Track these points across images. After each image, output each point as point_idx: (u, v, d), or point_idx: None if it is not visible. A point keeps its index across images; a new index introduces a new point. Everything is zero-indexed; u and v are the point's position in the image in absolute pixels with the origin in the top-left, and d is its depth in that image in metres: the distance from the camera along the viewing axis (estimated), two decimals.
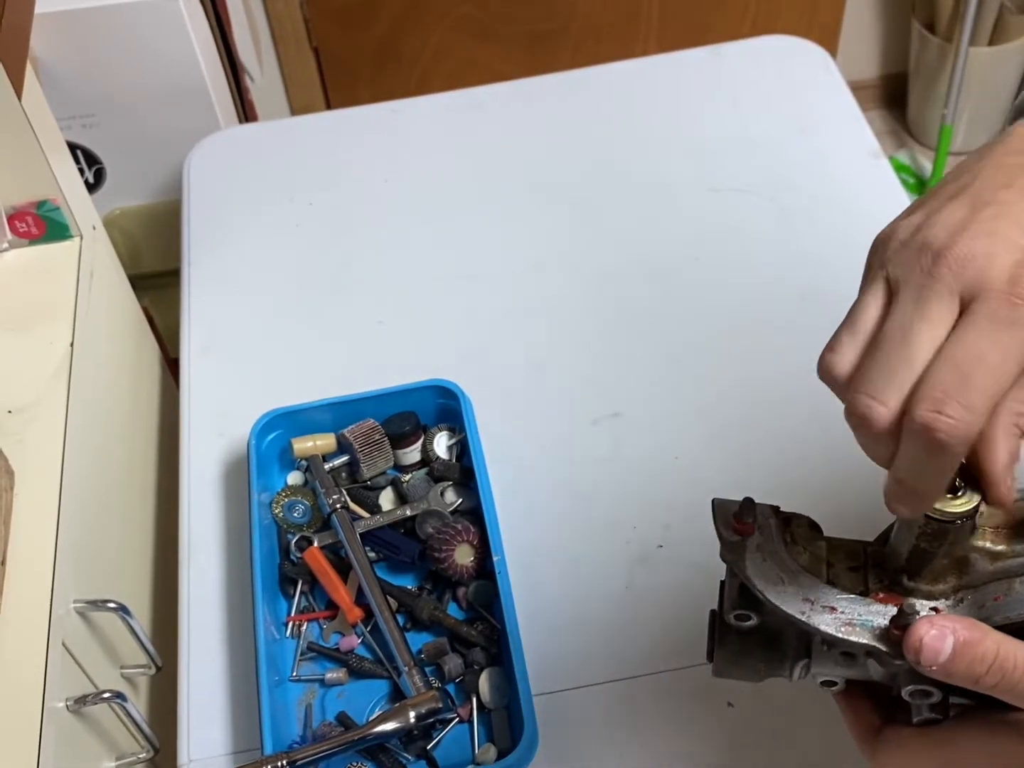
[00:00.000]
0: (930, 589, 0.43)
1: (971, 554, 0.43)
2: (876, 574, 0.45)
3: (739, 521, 0.45)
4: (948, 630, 0.40)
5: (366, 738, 0.69)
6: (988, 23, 2.12)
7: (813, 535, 0.46)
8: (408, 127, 1.18)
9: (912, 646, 0.40)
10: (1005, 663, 0.40)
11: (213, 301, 1.03)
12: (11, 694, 0.73)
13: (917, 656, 0.40)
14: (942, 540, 0.42)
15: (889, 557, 0.44)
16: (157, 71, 1.33)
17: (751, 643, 0.48)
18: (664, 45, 2.12)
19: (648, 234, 1.05)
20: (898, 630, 0.41)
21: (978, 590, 0.43)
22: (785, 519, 0.46)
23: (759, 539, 0.45)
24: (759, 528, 0.45)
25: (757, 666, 0.48)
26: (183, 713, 0.76)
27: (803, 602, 0.43)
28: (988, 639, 0.40)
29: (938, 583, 0.43)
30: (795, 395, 0.89)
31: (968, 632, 0.40)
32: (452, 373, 0.87)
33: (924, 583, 0.43)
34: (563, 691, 0.75)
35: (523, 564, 0.80)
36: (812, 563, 0.45)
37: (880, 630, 0.42)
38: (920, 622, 0.40)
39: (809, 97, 1.17)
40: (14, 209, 0.99)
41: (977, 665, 0.40)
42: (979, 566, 0.43)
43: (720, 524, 0.45)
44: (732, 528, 0.45)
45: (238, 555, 0.83)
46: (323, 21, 2.02)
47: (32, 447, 0.86)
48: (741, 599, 0.46)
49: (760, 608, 0.46)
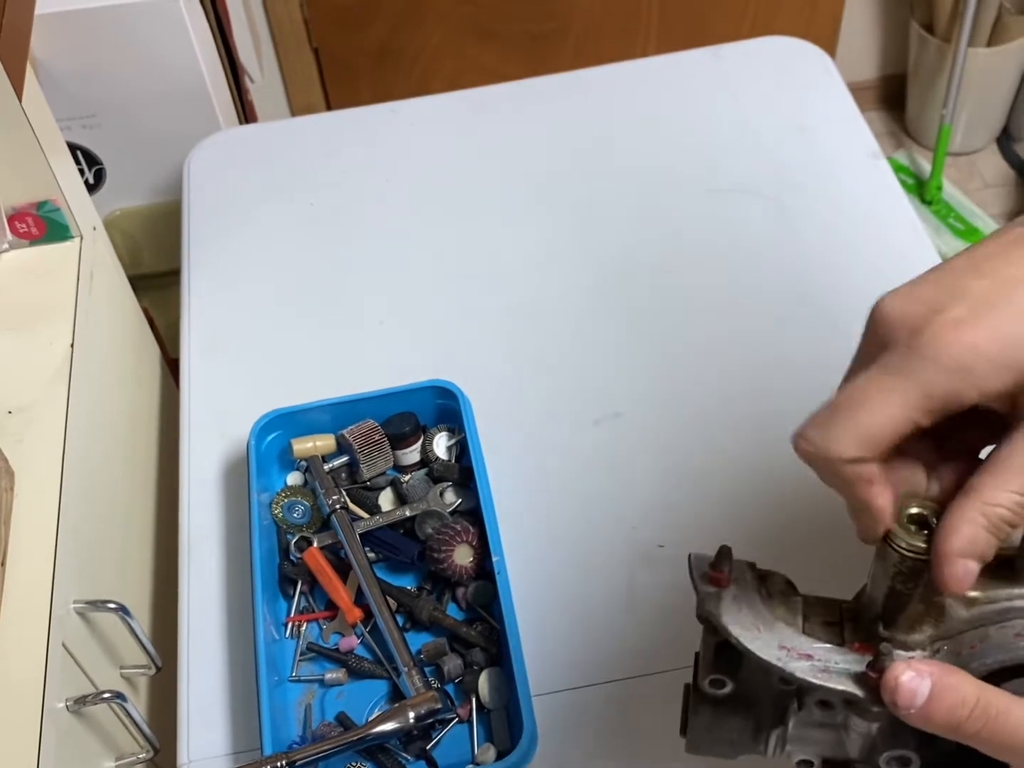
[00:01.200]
0: (906, 639, 0.43)
1: (946, 600, 0.42)
2: (852, 628, 0.44)
3: (715, 570, 0.44)
4: (925, 672, 0.39)
5: (366, 738, 0.69)
6: (987, 24, 2.12)
7: (789, 591, 0.46)
8: (408, 127, 1.18)
9: (889, 687, 0.39)
10: (988, 708, 0.39)
11: (213, 301, 1.03)
12: (11, 694, 0.73)
13: (893, 697, 0.39)
14: (916, 580, 0.41)
15: (865, 606, 0.44)
16: (157, 72, 1.33)
17: (725, 713, 0.47)
18: (664, 46, 2.12)
19: (648, 234, 1.05)
20: (875, 673, 0.40)
21: (954, 640, 0.42)
22: (761, 576, 0.46)
23: (735, 591, 0.44)
24: (735, 581, 0.44)
25: (732, 737, 0.47)
26: (183, 713, 0.76)
27: (779, 649, 0.43)
28: (968, 683, 0.39)
29: (914, 632, 0.43)
30: (795, 395, 0.89)
31: (946, 676, 0.39)
32: (452, 373, 0.87)
33: (900, 632, 0.43)
34: (563, 691, 0.75)
35: (523, 564, 0.80)
36: (788, 616, 0.44)
37: (857, 675, 0.42)
38: (897, 664, 0.40)
39: (808, 98, 1.17)
40: (14, 210, 0.99)
41: (958, 709, 0.39)
42: (954, 613, 0.42)
43: (696, 577, 0.45)
44: (708, 579, 0.45)
45: (238, 555, 0.83)
46: (323, 22, 2.02)
47: (32, 447, 0.86)
48: (717, 663, 0.46)
49: (735, 673, 0.46)
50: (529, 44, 2.10)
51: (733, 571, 0.44)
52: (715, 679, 0.46)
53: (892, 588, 0.42)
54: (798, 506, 0.82)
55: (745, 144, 1.12)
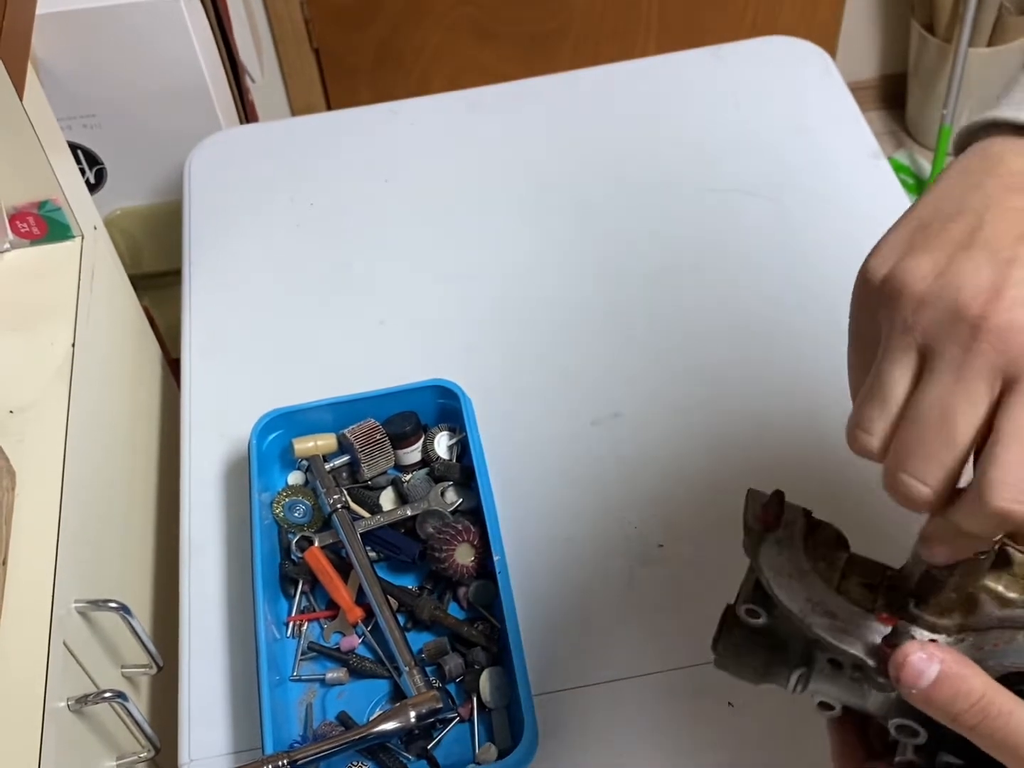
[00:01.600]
0: (934, 621, 0.43)
1: (981, 594, 0.43)
2: (887, 597, 0.45)
3: (765, 512, 0.45)
4: (937, 658, 0.39)
5: (366, 738, 0.69)
6: (987, 24, 2.12)
7: (838, 546, 0.46)
8: (408, 127, 1.18)
9: (897, 661, 0.40)
10: (989, 707, 0.39)
11: (213, 301, 1.03)
12: (12, 694, 0.73)
13: (899, 673, 0.40)
14: (952, 569, 0.42)
15: (902, 579, 0.44)
16: (158, 71, 1.33)
17: (756, 642, 0.48)
18: (664, 46, 2.12)
19: (648, 234, 1.05)
20: (889, 647, 0.41)
21: (980, 634, 0.43)
22: (813, 524, 0.46)
23: (781, 535, 0.45)
24: (785, 525, 0.45)
25: (757, 665, 0.48)
26: (184, 713, 0.76)
27: (805, 601, 0.43)
28: (976, 678, 0.39)
29: (943, 617, 0.43)
30: (795, 395, 0.89)
31: (957, 665, 0.39)
32: (452, 373, 0.87)
33: (930, 613, 0.43)
34: (563, 691, 0.75)
35: (523, 564, 0.80)
36: (827, 570, 0.45)
37: (871, 644, 0.42)
38: (912, 643, 0.40)
39: (809, 98, 1.17)
40: (15, 209, 0.99)
41: (960, 700, 0.39)
42: (987, 608, 0.43)
43: (748, 513, 0.46)
44: (758, 518, 0.45)
45: (239, 555, 0.83)
46: (323, 21, 2.02)
47: (33, 447, 0.86)
48: (755, 595, 0.47)
49: (771, 609, 0.47)
50: (529, 44, 2.10)
51: (786, 515, 0.45)
52: (751, 609, 0.47)
53: (928, 573, 0.42)
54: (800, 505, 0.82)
55: (745, 144, 1.12)
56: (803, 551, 0.45)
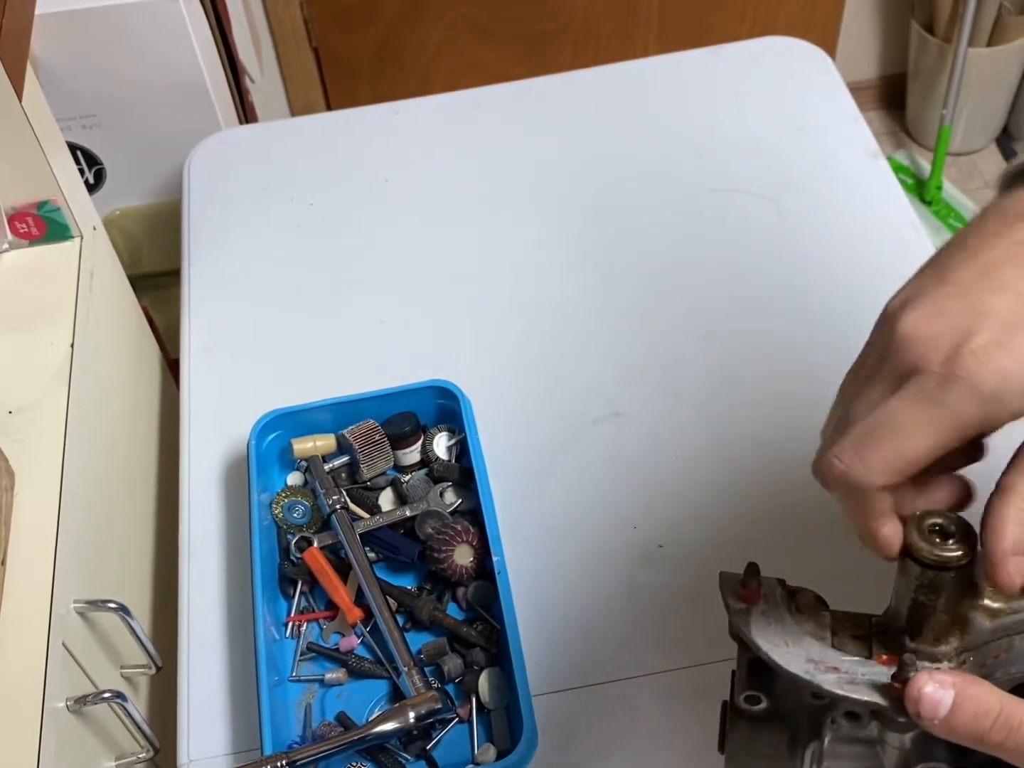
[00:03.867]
0: (932, 651, 0.43)
1: (970, 612, 0.43)
2: (880, 641, 0.45)
3: (744, 587, 0.45)
4: (948, 683, 0.40)
5: (366, 738, 0.69)
6: (987, 24, 2.12)
7: (818, 607, 0.47)
8: (408, 127, 1.18)
9: (912, 697, 0.40)
10: (1011, 719, 0.39)
11: (213, 301, 1.03)
12: (11, 694, 0.73)
13: (917, 708, 0.40)
14: (939, 591, 0.42)
15: (891, 619, 0.45)
16: (157, 71, 1.33)
17: (762, 729, 0.48)
18: (664, 45, 2.12)
19: (648, 234, 1.05)
20: (899, 683, 0.41)
21: (979, 650, 0.43)
22: (791, 591, 0.47)
23: (764, 607, 0.45)
24: (765, 597, 0.46)
25: (768, 753, 0.48)
26: (183, 713, 0.76)
27: (807, 662, 0.43)
28: (991, 694, 0.40)
29: (940, 644, 0.43)
30: (795, 394, 0.89)
31: (969, 686, 0.40)
32: (452, 373, 0.87)
33: (926, 644, 0.43)
34: (563, 691, 0.75)
35: (522, 564, 0.80)
36: (816, 631, 0.45)
37: (882, 686, 0.42)
38: (920, 675, 0.40)
39: (808, 98, 1.17)
40: (14, 210, 0.99)
41: (982, 719, 0.39)
42: (978, 624, 0.43)
43: (727, 594, 0.46)
44: (738, 596, 0.46)
45: (238, 555, 0.83)
46: (323, 21, 2.02)
47: (32, 447, 0.86)
48: (751, 680, 0.47)
49: (770, 690, 0.47)
50: (529, 44, 2.10)
51: (763, 587, 0.46)
52: (750, 695, 0.47)
53: (916, 600, 0.42)
54: (799, 505, 0.82)
55: (745, 144, 1.12)
56: (790, 617, 0.45)
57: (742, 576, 0.46)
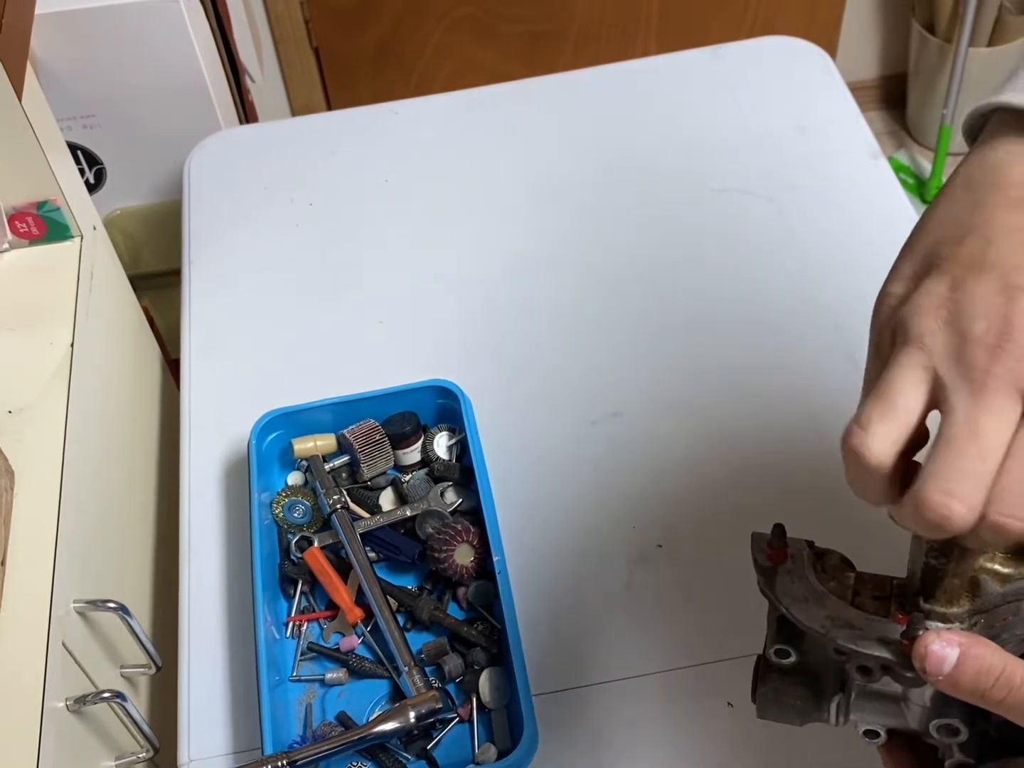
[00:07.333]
0: (945, 611, 0.45)
1: (981, 576, 0.45)
2: (899, 602, 0.47)
3: (771, 547, 0.48)
4: (954, 641, 0.42)
5: (366, 738, 0.69)
6: (987, 24, 2.12)
7: (844, 568, 0.49)
8: (408, 127, 1.18)
9: (918, 654, 0.42)
10: (1012, 678, 0.41)
11: (213, 301, 1.03)
12: (11, 694, 0.73)
13: (923, 663, 0.42)
14: (948, 556, 0.44)
15: (907, 581, 0.47)
16: (157, 71, 1.33)
17: (791, 682, 0.50)
18: (664, 45, 2.12)
19: (648, 234, 1.05)
20: (907, 640, 0.43)
21: (990, 613, 0.45)
22: (818, 553, 0.49)
23: (791, 566, 0.48)
24: (792, 557, 0.48)
25: (796, 704, 0.50)
26: (183, 713, 0.76)
27: (825, 618, 0.46)
28: (994, 653, 0.42)
29: (952, 606, 0.45)
30: (795, 393, 0.89)
31: (973, 644, 0.42)
32: (452, 373, 0.87)
33: (939, 605, 0.45)
34: (562, 691, 0.75)
35: (523, 564, 0.80)
36: (839, 590, 0.48)
37: (892, 643, 0.45)
38: (928, 633, 0.42)
39: (809, 98, 1.17)
40: (14, 209, 0.99)
41: (983, 677, 0.41)
42: (989, 588, 0.45)
43: (756, 552, 0.49)
44: (766, 556, 0.49)
45: (238, 555, 0.83)
46: (323, 21, 2.02)
47: (32, 447, 0.86)
48: (780, 634, 0.49)
49: (799, 645, 0.49)
50: (529, 44, 2.10)
51: (790, 548, 0.48)
52: (780, 649, 0.49)
53: (927, 564, 0.45)
54: (799, 505, 0.82)
55: (745, 144, 1.12)
56: (814, 576, 0.48)
57: (769, 537, 0.48)
